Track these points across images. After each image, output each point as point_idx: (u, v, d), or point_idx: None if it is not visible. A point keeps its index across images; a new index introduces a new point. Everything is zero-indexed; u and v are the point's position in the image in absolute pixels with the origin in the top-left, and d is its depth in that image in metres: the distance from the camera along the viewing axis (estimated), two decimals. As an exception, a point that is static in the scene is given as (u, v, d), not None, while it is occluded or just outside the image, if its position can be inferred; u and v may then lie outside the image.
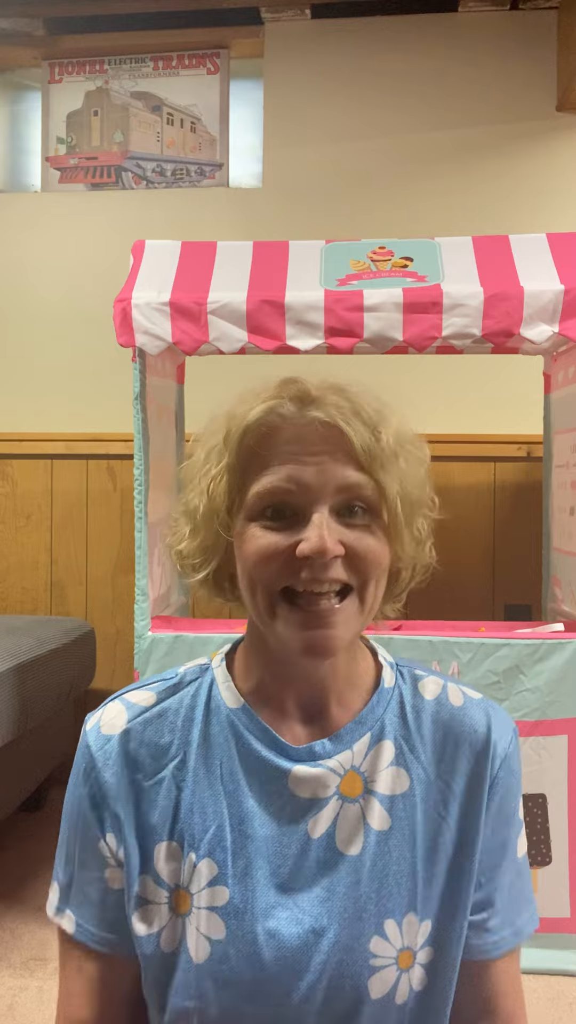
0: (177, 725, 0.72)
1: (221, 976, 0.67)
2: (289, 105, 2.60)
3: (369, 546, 0.65)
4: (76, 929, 0.72)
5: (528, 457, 2.42)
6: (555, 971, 1.64)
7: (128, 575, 2.55)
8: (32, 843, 2.19)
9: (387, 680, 0.74)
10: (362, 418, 0.66)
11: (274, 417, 0.66)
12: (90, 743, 0.72)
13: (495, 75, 2.52)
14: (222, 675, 0.74)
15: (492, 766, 0.71)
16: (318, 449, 0.65)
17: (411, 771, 0.71)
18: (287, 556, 0.64)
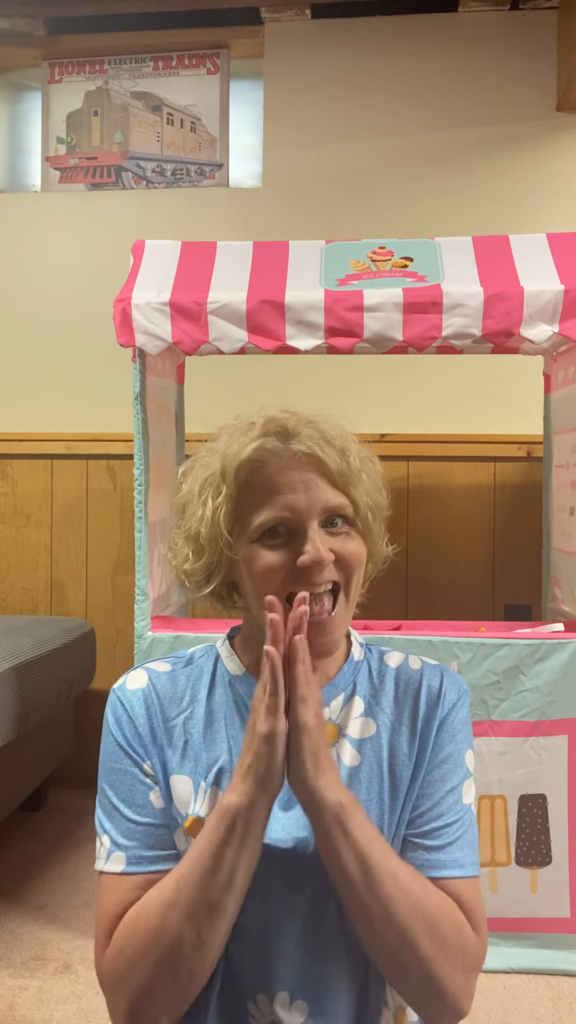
0: (188, 686, 0.88)
1: None
2: (289, 105, 2.60)
3: (352, 549, 0.82)
4: (127, 862, 0.80)
5: (528, 457, 2.42)
6: (555, 971, 1.64)
7: (128, 575, 2.55)
8: (32, 843, 2.19)
9: (356, 654, 0.91)
10: (333, 444, 0.82)
11: (263, 452, 0.81)
12: (119, 696, 0.86)
13: (495, 75, 2.52)
14: (226, 650, 0.92)
15: (441, 712, 0.85)
16: (302, 476, 0.80)
17: (377, 720, 0.86)
18: (289, 567, 0.79)
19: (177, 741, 0.85)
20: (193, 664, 0.91)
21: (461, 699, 0.87)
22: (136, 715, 0.85)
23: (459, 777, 0.85)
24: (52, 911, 1.86)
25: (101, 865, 0.82)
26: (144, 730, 0.85)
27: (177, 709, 0.87)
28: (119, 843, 0.81)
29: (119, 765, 0.84)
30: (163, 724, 0.85)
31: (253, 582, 0.81)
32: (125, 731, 0.85)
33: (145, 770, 0.84)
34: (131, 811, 0.82)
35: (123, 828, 0.82)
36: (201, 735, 0.85)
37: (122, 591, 2.57)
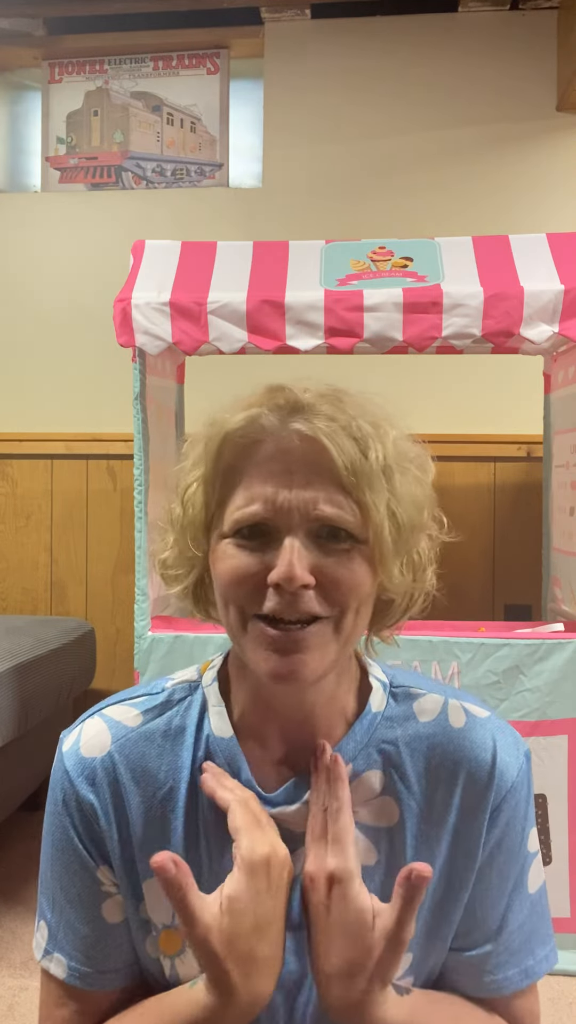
0: (165, 749, 0.67)
1: None
2: (289, 105, 2.60)
3: (345, 575, 0.60)
4: (67, 974, 0.66)
5: (528, 457, 2.42)
6: (555, 971, 1.64)
7: (128, 575, 2.55)
8: (33, 843, 2.19)
9: (375, 704, 0.68)
10: (351, 432, 0.61)
11: (255, 428, 0.62)
12: (68, 768, 0.66)
13: (495, 75, 2.52)
14: (214, 698, 0.69)
15: (495, 796, 0.65)
16: (297, 467, 0.60)
17: (401, 802, 0.66)
18: (259, 580, 0.60)
19: (152, 831, 0.65)
20: (170, 712, 0.68)
21: (521, 774, 0.67)
22: (87, 806, 0.64)
23: (522, 869, 0.68)
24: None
25: (39, 955, 0.67)
26: (104, 823, 0.64)
27: (152, 786, 0.65)
28: (60, 944, 0.66)
29: (67, 859, 0.66)
30: (133, 811, 0.65)
31: (218, 586, 0.63)
32: (76, 822, 0.65)
33: (100, 877, 0.65)
34: (76, 917, 0.65)
35: (67, 931, 0.66)
36: (183, 828, 0.65)
37: (122, 591, 2.57)
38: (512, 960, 0.67)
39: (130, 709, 0.68)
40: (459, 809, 0.66)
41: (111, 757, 0.65)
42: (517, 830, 0.67)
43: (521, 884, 0.68)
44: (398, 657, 1.63)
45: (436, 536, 0.67)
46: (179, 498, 0.66)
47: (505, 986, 0.67)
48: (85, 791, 0.65)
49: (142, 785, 0.65)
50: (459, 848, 0.66)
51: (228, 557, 0.61)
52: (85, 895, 0.65)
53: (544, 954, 0.69)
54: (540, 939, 0.69)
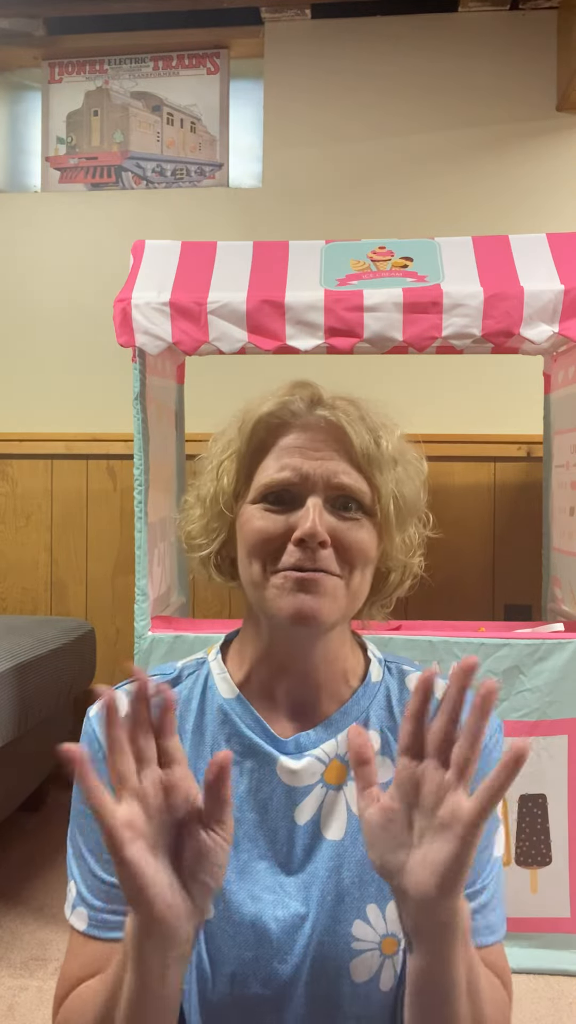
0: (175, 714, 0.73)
1: (208, 957, 0.69)
2: (289, 105, 2.60)
3: (357, 537, 0.71)
4: (88, 923, 0.71)
5: (528, 457, 2.42)
6: (555, 971, 1.64)
7: (128, 575, 2.55)
8: (32, 843, 2.19)
9: (374, 675, 0.78)
10: (366, 423, 0.73)
11: (285, 412, 0.73)
12: (94, 728, 0.74)
13: (495, 75, 2.52)
14: (217, 667, 0.78)
15: None
16: (321, 445, 0.72)
17: (396, 761, 0.68)
18: (284, 538, 0.70)
19: None
20: (180, 684, 0.78)
21: (494, 738, 0.76)
22: None
23: (491, 830, 0.74)
24: (52, 911, 1.86)
25: (68, 914, 0.73)
26: None
27: None
28: (84, 898, 0.71)
29: (87, 809, 0.69)
30: None
31: (244, 546, 0.72)
32: (99, 770, 0.68)
33: None
34: (98, 865, 0.71)
35: (89, 883, 0.71)
36: None
37: (122, 591, 2.57)
38: (481, 912, 0.71)
39: None
40: None
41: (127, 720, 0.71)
42: None
43: (490, 844, 0.74)
44: (398, 657, 1.63)
45: (423, 529, 0.78)
46: (213, 472, 0.75)
47: (480, 932, 0.71)
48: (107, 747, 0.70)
49: None
50: None
51: (256, 519, 0.71)
52: (100, 839, 0.68)
53: (501, 915, 0.74)
54: (499, 899, 0.74)
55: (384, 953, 0.70)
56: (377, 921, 0.70)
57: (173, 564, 2.08)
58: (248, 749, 0.73)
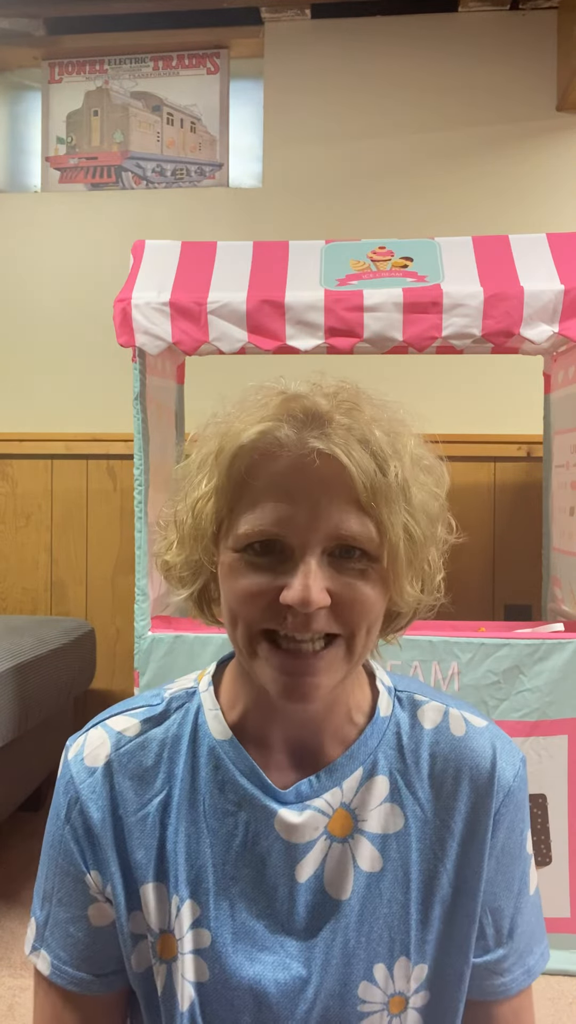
0: (163, 757, 0.68)
1: (205, 1022, 0.65)
2: (289, 105, 2.60)
3: (359, 596, 0.60)
4: (51, 970, 0.68)
5: (528, 457, 2.42)
6: (555, 971, 1.64)
7: (128, 575, 2.55)
8: (33, 843, 2.19)
9: (383, 709, 0.69)
10: (370, 447, 0.59)
11: (270, 442, 0.60)
12: (73, 775, 0.68)
13: (495, 75, 2.52)
14: (209, 702, 0.70)
15: (495, 801, 0.67)
16: (314, 485, 0.59)
17: (406, 808, 0.67)
18: (271, 599, 0.59)
19: (148, 839, 0.66)
20: (168, 721, 0.69)
21: (519, 777, 0.68)
22: (92, 809, 0.66)
23: (524, 872, 0.69)
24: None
25: (27, 951, 0.69)
26: (102, 830, 0.66)
27: (149, 792, 0.67)
28: (48, 943, 0.68)
29: (61, 861, 0.67)
30: (130, 817, 0.66)
31: (225, 602, 0.63)
32: (76, 826, 0.66)
33: (89, 882, 0.66)
34: (66, 916, 0.67)
35: (55, 931, 0.68)
36: (176, 830, 0.66)
37: (122, 591, 2.57)
38: (519, 962, 0.69)
39: (130, 719, 0.70)
40: (463, 815, 0.67)
41: (109, 766, 0.67)
42: (518, 833, 0.69)
43: (525, 887, 0.70)
44: (398, 657, 1.63)
45: (445, 541, 0.68)
46: (189, 508, 0.64)
47: (512, 987, 0.69)
48: (85, 798, 0.67)
49: (139, 792, 0.67)
50: (466, 854, 0.67)
51: (238, 575, 0.61)
52: (75, 897, 0.67)
53: (541, 951, 0.71)
54: (538, 938, 0.71)
55: (391, 1013, 0.66)
56: (385, 981, 0.66)
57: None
58: (244, 800, 0.66)
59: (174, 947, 0.65)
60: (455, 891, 0.67)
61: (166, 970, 0.66)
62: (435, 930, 0.66)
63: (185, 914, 0.65)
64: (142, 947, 0.67)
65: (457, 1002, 0.67)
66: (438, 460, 0.67)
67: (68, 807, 0.67)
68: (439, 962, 0.67)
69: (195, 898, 0.65)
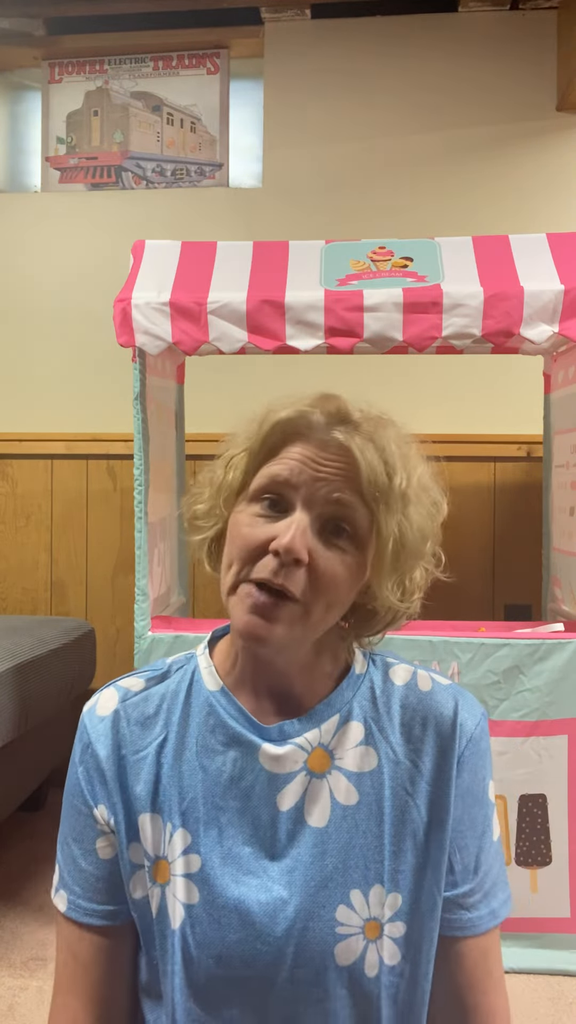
0: (162, 708, 0.78)
1: (194, 940, 0.71)
2: (289, 105, 2.60)
3: (333, 569, 0.68)
4: (67, 906, 0.76)
5: (528, 457, 2.42)
6: (555, 971, 1.64)
7: (128, 575, 2.55)
8: (33, 843, 2.19)
9: (358, 667, 0.79)
10: (383, 454, 0.69)
11: (302, 422, 0.71)
12: (86, 723, 0.78)
13: (495, 75, 2.52)
14: (204, 662, 0.80)
15: (458, 745, 0.75)
16: (329, 464, 0.69)
17: (379, 750, 0.75)
18: (263, 547, 0.68)
19: (147, 775, 0.75)
20: (169, 679, 0.80)
21: (479, 727, 0.76)
22: (99, 749, 0.76)
23: (486, 816, 0.77)
24: (52, 911, 1.86)
25: (52, 894, 0.79)
26: (107, 766, 0.75)
27: (149, 736, 0.77)
28: (65, 881, 0.77)
29: (75, 801, 0.77)
30: (132, 756, 0.76)
31: (228, 548, 0.72)
32: (88, 766, 0.77)
33: (96, 816, 0.75)
34: (79, 852, 0.76)
35: (70, 867, 0.77)
36: (171, 767, 0.75)
37: (122, 591, 2.57)
38: (484, 900, 0.76)
39: (137, 679, 0.81)
40: (431, 757, 0.75)
41: (116, 714, 0.77)
42: (480, 778, 0.76)
43: (488, 829, 0.77)
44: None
45: (431, 571, 0.76)
46: (224, 463, 0.75)
47: (479, 925, 0.75)
48: (94, 740, 0.77)
49: (141, 736, 0.77)
50: (435, 792, 0.74)
51: (244, 524, 0.70)
52: (85, 833, 0.76)
53: (504, 897, 0.77)
54: (501, 884, 0.78)
55: (367, 937, 0.71)
56: (361, 906, 0.72)
57: (173, 564, 2.08)
58: (231, 739, 0.75)
59: (167, 871, 0.73)
60: (426, 825, 0.74)
61: (160, 893, 0.73)
62: (407, 861, 0.73)
63: (177, 841, 0.73)
64: (139, 876, 0.75)
65: (431, 932, 0.73)
66: (441, 494, 0.75)
67: (81, 751, 0.78)
68: (413, 893, 0.73)
69: (186, 827, 0.73)
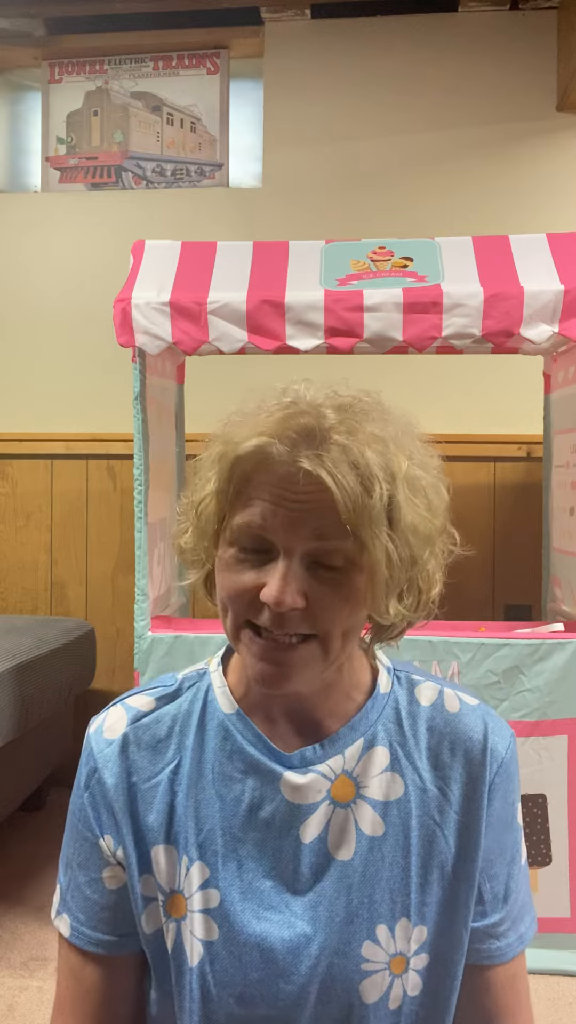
0: (175, 730, 0.73)
1: (214, 978, 0.68)
2: (289, 105, 2.60)
3: (332, 604, 0.63)
4: (71, 932, 0.72)
5: (528, 457, 2.42)
6: (555, 971, 1.64)
7: (128, 575, 2.55)
8: (33, 843, 2.19)
9: (383, 686, 0.74)
10: (358, 470, 0.62)
11: (263, 456, 0.64)
12: (93, 747, 0.73)
13: (495, 75, 2.52)
14: (218, 680, 0.75)
15: (489, 772, 0.71)
16: (302, 495, 0.62)
17: (406, 777, 0.71)
18: (255, 594, 0.64)
19: (160, 803, 0.71)
20: (181, 698, 0.75)
21: (509, 751, 0.73)
22: (107, 777, 0.71)
23: (515, 841, 0.73)
24: (52, 911, 1.86)
25: (53, 916, 0.75)
26: (116, 795, 0.71)
27: (161, 762, 0.72)
28: (69, 906, 0.73)
29: (80, 827, 0.73)
30: (143, 784, 0.71)
31: (219, 593, 0.68)
32: (94, 792, 0.72)
33: (102, 846, 0.71)
34: (84, 880, 0.72)
35: (74, 893, 0.73)
36: (186, 796, 0.71)
37: (122, 591, 2.57)
38: (513, 927, 0.73)
39: (146, 697, 0.75)
40: (460, 785, 0.71)
41: (126, 738, 0.73)
42: (510, 803, 0.73)
43: (517, 855, 0.74)
44: (398, 658, 1.63)
45: (449, 552, 0.71)
46: (196, 506, 0.69)
47: (508, 953, 0.72)
48: (102, 767, 0.72)
49: (152, 762, 0.72)
50: (464, 822, 0.71)
51: (229, 569, 0.66)
52: (91, 861, 0.72)
53: (531, 919, 0.75)
54: (528, 907, 0.75)
55: (393, 973, 0.68)
56: (387, 941, 0.68)
57: (173, 564, 2.08)
58: (250, 766, 0.70)
59: (183, 906, 0.69)
60: (454, 857, 0.70)
61: (175, 928, 0.69)
62: (434, 893, 0.70)
63: (195, 875, 0.69)
64: (152, 909, 0.70)
65: (456, 965, 0.70)
66: (437, 479, 0.69)
67: (87, 776, 0.73)
68: (439, 925, 0.70)
69: (204, 860, 0.69)
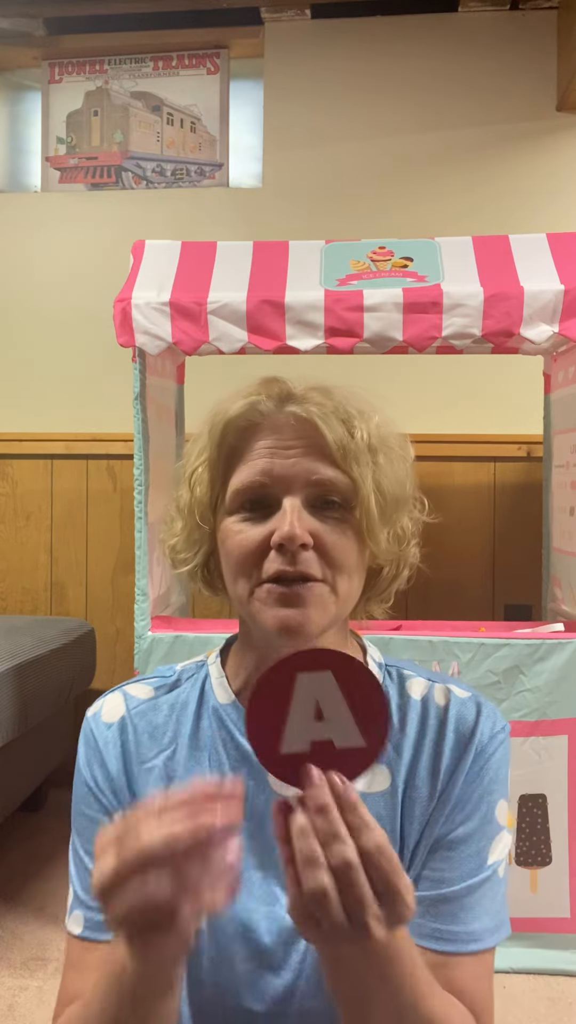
0: (172, 718, 0.75)
1: (203, 967, 0.68)
2: (289, 105, 2.60)
3: (338, 540, 0.67)
4: (84, 926, 0.71)
5: (528, 457, 2.42)
6: (555, 971, 1.64)
7: (128, 575, 2.55)
8: (33, 843, 2.19)
9: None
10: (339, 415, 0.69)
11: (253, 413, 0.70)
12: (92, 730, 0.75)
13: (495, 75, 2.52)
14: (216, 672, 0.77)
15: (473, 748, 0.71)
16: (292, 443, 0.68)
17: (393, 770, 0.72)
18: (264, 546, 0.66)
19: (156, 786, 0.72)
20: (179, 689, 0.77)
21: (497, 737, 0.72)
22: (108, 755, 0.73)
23: (487, 836, 0.70)
24: (52, 911, 1.86)
25: (66, 922, 0.73)
26: (116, 773, 0.73)
27: (157, 747, 0.74)
28: (81, 899, 0.72)
29: (87, 810, 0.74)
30: (140, 766, 0.73)
31: (226, 562, 0.70)
32: (95, 772, 0.74)
33: (105, 823, 0.69)
34: (89, 861, 0.71)
35: (85, 881, 0.72)
36: (183, 780, 0.72)
37: (122, 591, 2.57)
38: (466, 916, 0.68)
39: (145, 686, 0.78)
40: (446, 772, 0.71)
41: (124, 722, 0.75)
42: (490, 792, 0.71)
43: (484, 854, 0.69)
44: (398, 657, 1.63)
45: (418, 516, 0.75)
46: (186, 482, 0.73)
47: (458, 937, 0.67)
48: (102, 749, 0.74)
49: (149, 747, 0.74)
50: (440, 795, 0.70)
51: (234, 533, 0.68)
52: (93, 841, 0.70)
53: (491, 925, 0.69)
54: (490, 911, 0.70)
55: None
56: None
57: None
58: (243, 757, 0.72)
59: None
60: (423, 832, 0.70)
61: None
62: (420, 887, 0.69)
63: None
64: None
65: None
66: (402, 436, 0.75)
67: (87, 759, 0.74)
68: (419, 915, 0.68)
69: None
